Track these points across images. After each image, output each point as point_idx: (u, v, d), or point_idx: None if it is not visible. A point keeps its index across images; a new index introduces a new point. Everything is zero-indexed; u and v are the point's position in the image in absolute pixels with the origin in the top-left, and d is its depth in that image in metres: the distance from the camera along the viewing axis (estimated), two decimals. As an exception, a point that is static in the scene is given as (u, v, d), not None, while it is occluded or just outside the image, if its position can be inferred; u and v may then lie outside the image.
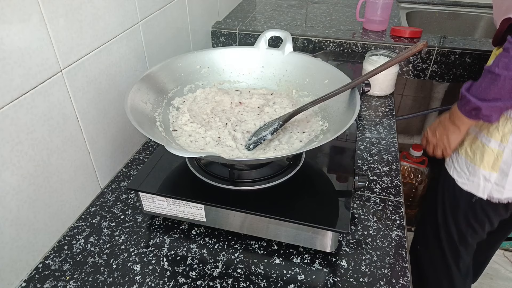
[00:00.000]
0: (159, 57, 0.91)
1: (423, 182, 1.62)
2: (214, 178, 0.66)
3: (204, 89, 0.79)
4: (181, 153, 0.50)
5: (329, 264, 0.61)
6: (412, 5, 1.58)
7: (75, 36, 0.63)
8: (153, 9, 0.86)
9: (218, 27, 1.28)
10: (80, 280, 0.59)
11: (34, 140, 0.58)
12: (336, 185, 0.65)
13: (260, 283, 0.58)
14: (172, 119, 0.72)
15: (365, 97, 1.08)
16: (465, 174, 0.91)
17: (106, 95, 0.74)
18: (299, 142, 0.67)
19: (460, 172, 0.92)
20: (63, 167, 0.65)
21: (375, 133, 0.93)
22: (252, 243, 0.65)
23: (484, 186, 0.88)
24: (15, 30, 0.52)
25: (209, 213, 0.63)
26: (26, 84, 0.55)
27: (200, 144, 0.67)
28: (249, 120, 0.73)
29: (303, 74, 0.78)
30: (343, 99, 0.66)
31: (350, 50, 1.22)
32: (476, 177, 0.89)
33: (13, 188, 0.56)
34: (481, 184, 0.89)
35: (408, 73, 1.22)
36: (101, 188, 0.77)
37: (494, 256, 1.30)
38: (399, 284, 0.58)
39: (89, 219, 0.70)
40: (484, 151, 0.85)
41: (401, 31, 1.23)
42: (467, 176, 0.91)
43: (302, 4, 1.56)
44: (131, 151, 0.86)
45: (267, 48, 0.81)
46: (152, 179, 0.66)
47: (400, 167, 0.82)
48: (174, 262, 0.62)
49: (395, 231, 0.66)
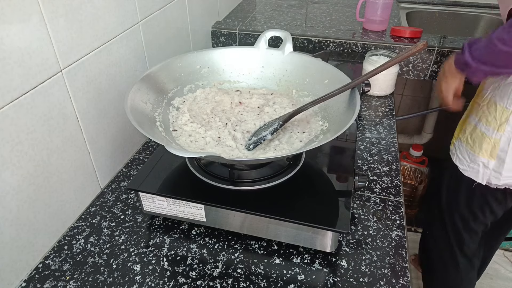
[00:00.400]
0: (159, 57, 0.91)
1: (423, 182, 1.62)
2: (214, 178, 0.66)
3: (204, 89, 0.79)
4: (181, 153, 0.50)
5: (329, 264, 0.61)
6: (412, 5, 1.58)
7: (75, 36, 0.63)
8: (153, 9, 0.86)
9: (218, 27, 1.29)
10: (80, 280, 0.59)
11: (34, 140, 0.58)
12: (336, 185, 0.65)
13: (260, 283, 0.58)
14: (172, 119, 0.72)
15: (365, 97, 1.08)
16: (466, 161, 0.96)
17: (106, 95, 0.74)
18: (299, 142, 0.67)
19: (462, 160, 0.97)
20: (63, 167, 0.65)
21: (375, 133, 0.93)
22: (252, 243, 0.65)
23: (483, 173, 0.94)
24: (15, 30, 0.52)
25: (209, 213, 0.63)
26: (26, 84, 0.55)
27: (200, 144, 0.67)
28: (249, 120, 0.73)
29: (303, 74, 0.78)
30: (343, 99, 0.66)
31: (350, 50, 1.22)
32: (476, 164, 0.94)
33: (13, 188, 0.56)
34: (480, 170, 0.94)
35: (408, 73, 1.22)
36: (101, 188, 0.77)
37: (494, 256, 1.30)
38: (399, 284, 0.58)
39: (89, 219, 0.70)
40: (483, 140, 0.90)
41: (401, 31, 1.23)
42: (467, 163, 0.96)
43: (302, 4, 1.56)
44: (131, 151, 0.86)
45: (267, 48, 0.81)
46: (152, 179, 0.66)
47: (400, 167, 0.82)
48: (174, 262, 0.62)
49: (395, 231, 0.66)
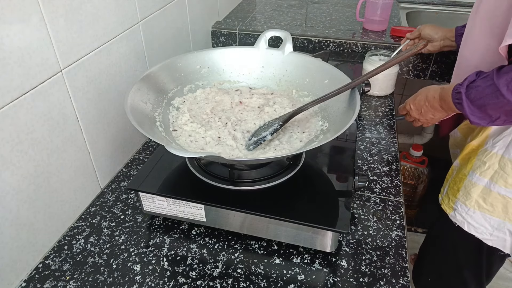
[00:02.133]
0: (159, 57, 0.91)
1: (423, 182, 1.62)
2: (214, 178, 0.66)
3: (204, 89, 0.79)
4: (181, 153, 0.50)
5: (329, 264, 0.61)
6: (412, 5, 1.58)
7: (75, 36, 0.63)
8: (153, 9, 0.86)
9: (218, 27, 1.28)
10: (80, 280, 0.59)
11: (34, 140, 0.58)
12: (336, 185, 0.65)
13: (260, 283, 0.58)
14: (172, 119, 0.71)
15: (365, 97, 1.08)
16: (486, 228, 0.82)
17: (106, 95, 0.74)
18: (299, 142, 0.67)
19: (479, 227, 0.83)
20: (63, 167, 0.65)
21: (375, 133, 0.93)
22: (252, 243, 0.65)
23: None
24: (15, 30, 0.52)
25: (209, 213, 0.63)
26: (26, 84, 0.55)
27: (200, 144, 0.67)
28: (249, 119, 0.73)
29: (303, 74, 0.78)
30: (343, 99, 0.66)
31: (350, 50, 1.22)
32: (501, 232, 0.81)
33: (13, 188, 0.56)
34: (508, 239, 0.81)
35: (408, 73, 1.22)
36: (101, 188, 0.77)
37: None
38: (399, 284, 0.58)
39: (89, 219, 0.70)
40: (508, 204, 0.77)
41: (401, 31, 1.23)
42: (489, 231, 0.82)
43: (302, 4, 1.56)
44: (131, 151, 0.86)
45: (267, 48, 0.81)
46: (152, 179, 0.66)
47: (400, 167, 0.82)
48: (174, 262, 0.62)
49: (395, 231, 0.66)
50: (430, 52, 1.05)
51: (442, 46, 1.01)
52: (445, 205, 0.88)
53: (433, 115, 0.81)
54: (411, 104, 0.85)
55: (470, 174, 0.81)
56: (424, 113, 0.82)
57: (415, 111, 0.84)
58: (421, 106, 0.82)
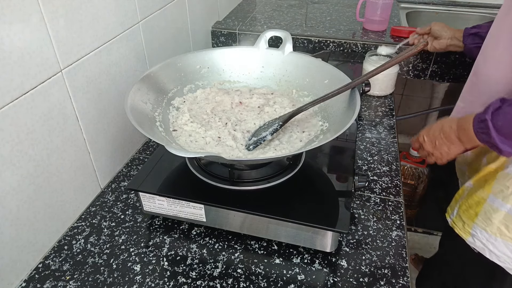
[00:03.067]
0: (159, 57, 0.91)
1: (423, 182, 1.62)
2: (214, 178, 0.66)
3: (204, 89, 0.79)
4: (181, 153, 0.50)
5: (329, 264, 0.61)
6: (412, 5, 1.58)
7: (75, 36, 0.63)
8: (153, 9, 0.86)
9: (218, 27, 1.29)
10: (80, 280, 0.59)
11: (34, 140, 0.58)
12: (336, 185, 0.65)
13: (260, 283, 0.58)
14: (172, 119, 0.72)
15: (365, 97, 1.08)
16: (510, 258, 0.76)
17: (106, 95, 0.74)
18: (299, 142, 0.67)
19: (502, 256, 0.77)
20: (63, 167, 0.65)
21: (375, 133, 0.93)
22: (252, 243, 0.65)
23: None
24: (15, 30, 0.52)
25: (209, 213, 0.63)
26: (26, 84, 0.55)
27: (200, 144, 0.67)
28: (249, 119, 0.73)
29: (303, 74, 0.78)
30: (343, 99, 0.66)
31: (350, 50, 1.22)
32: None
33: (13, 188, 0.56)
34: None
35: (408, 73, 1.22)
36: (101, 188, 0.77)
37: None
38: (399, 284, 0.58)
39: (89, 219, 0.70)
40: None
41: (401, 31, 1.23)
42: None
43: (302, 4, 1.56)
44: (131, 151, 0.86)
45: (267, 48, 0.81)
46: (152, 179, 0.66)
47: (400, 167, 0.81)
48: (174, 262, 0.62)
49: (395, 231, 0.66)
50: (436, 50, 1.04)
51: (449, 44, 1.00)
52: (460, 229, 0.81)
53: (448, 149, 0.72)
54: (424, 136, 0.76)
55: (491, 199, 0.74)
56: (438, 146, 0.74)
57: (429, 144, 0.75)
58: (435, 138, 0.74)
